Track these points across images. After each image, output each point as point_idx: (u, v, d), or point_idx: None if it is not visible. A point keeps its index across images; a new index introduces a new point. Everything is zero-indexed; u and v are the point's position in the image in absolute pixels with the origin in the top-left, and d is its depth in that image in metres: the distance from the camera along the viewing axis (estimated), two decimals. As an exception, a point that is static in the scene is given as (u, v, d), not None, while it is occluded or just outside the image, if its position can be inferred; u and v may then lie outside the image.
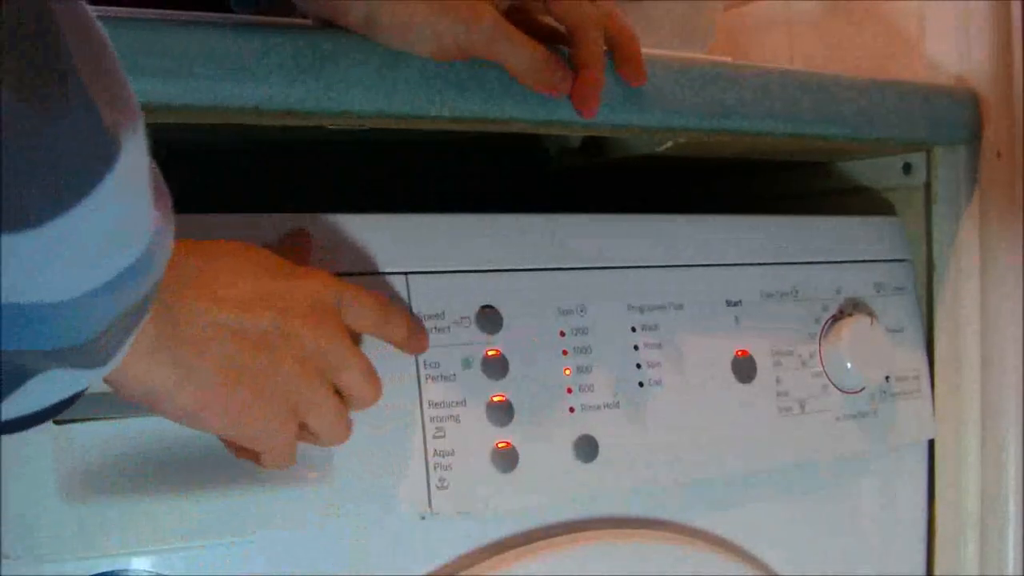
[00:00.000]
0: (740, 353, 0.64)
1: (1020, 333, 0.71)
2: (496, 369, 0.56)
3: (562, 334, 0.59)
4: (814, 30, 0.88)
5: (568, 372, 0.58)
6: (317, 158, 0.80)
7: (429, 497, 0.53)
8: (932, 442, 0.74)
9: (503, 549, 0.56)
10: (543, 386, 0.57)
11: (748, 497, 0.66)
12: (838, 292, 0.69)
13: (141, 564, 0.48)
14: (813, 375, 0.67)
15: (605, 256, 0.61)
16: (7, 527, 0.45)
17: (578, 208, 0.62)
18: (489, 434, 0.55)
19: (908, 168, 0.76)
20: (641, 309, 0.61)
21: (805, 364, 0.67)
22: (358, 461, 0.52)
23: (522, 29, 0.50)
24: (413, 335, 0.52)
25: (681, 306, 0.63)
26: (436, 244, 0.56)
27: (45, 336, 0.29)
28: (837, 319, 0.68)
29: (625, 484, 0.59)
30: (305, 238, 0.52)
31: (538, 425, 0.57)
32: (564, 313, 0.59)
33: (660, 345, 0.61)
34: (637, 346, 0.61)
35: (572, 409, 0.58)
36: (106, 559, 0.47)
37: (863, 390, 0.68)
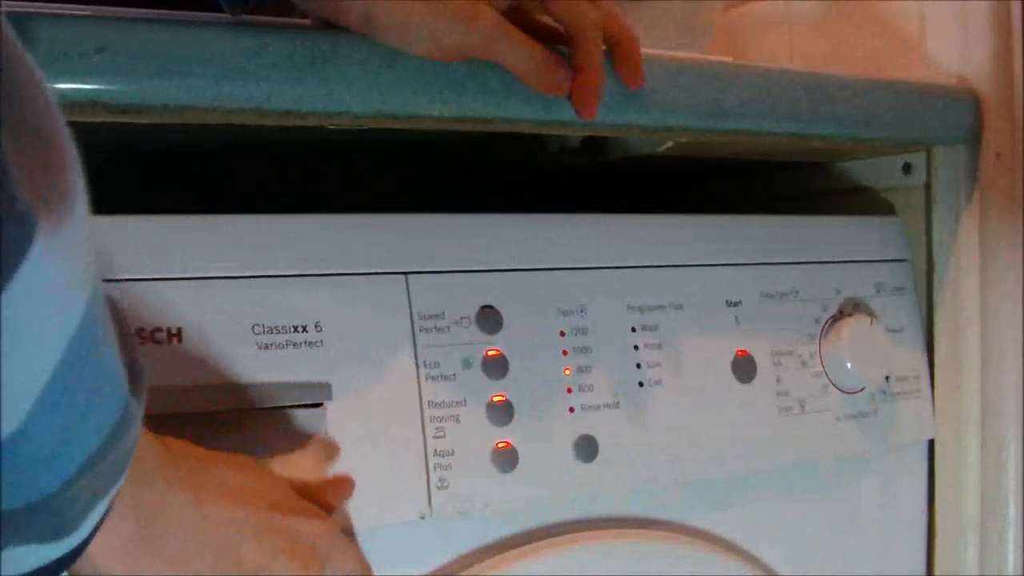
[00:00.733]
0: (740, 353, 0.64)
1: (1020, 333, 0.71)
2: (496, 369, 0.56)
3: (562, 334, 0.59)
4: (814, 30, 0.88)
5: (568, 372, 0.58)
6: (317, 158, 0.80)
7: (429, 497, 0.53)
8: (932, 442, 0.74)
9: (503, 549, 0.56)
10: (543, 386, 0.57)
11: (748, 497, 0.66)
12: (838, 292, 0.69)
13: (141, 564, 0.48)
14: (813, 375, 0.67)
15: (605, 256, 0.61)
16: (7, 527, 0.45)
17: (578, 208, 0.62)
18: (489, 434, 0.55)
19: (908, 168, 0.76)
20: (641, 309, 0.61)
21: (805, 364, 0.67)
22: (358, 461, 0.52)
23: (521, 29, 0.50)
24: None
25: (681, 306, 0.63)
26: (436, 244, 0.56)
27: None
28: (837, 319, 0.68)
29: (625, 484, 0.59)
30: (344, 483, 0.51)
31: (538, 425, 0.57)
32: (564, 313, 0.59)
33: (660, 345, 0.61)
34: (637, 346, 0.61)
35: (572, 409, 0.58)
36: (106, 559, 0.47)
37: (863, 390, 0.68)
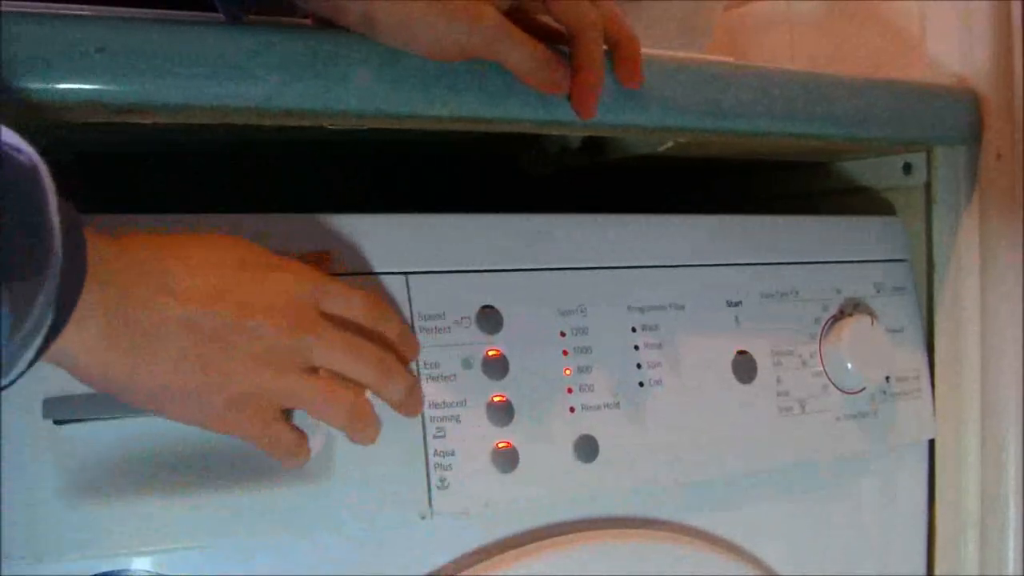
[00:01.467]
0: (740, 353, 0.64)
1: (1020, 333, 0.71)
2: (496, 369, 0.56)
3: (562, 334, 0.59)
4: (815, 30, 0.88)
5: (568, 372, 0.58)
6: (317, 158, 0.80)
7: (429, 497, 0.53)
8: (932, 442, 0.74)
9: (503, 549, 0.56)
10: (543, 386, 0.57)
11: (748, 497, 0.66)
12: (838, 292, 0.69)
13: (141, 564, 0.48)
14: (813, 375, 0.67)
15: (605, 256, 0.61)
16: (7, 527, 0.45)
17: (578, 208, 0.62)
18: (489, 434, 0.55)
19: (908, 168, 0.76)
20: (641, 309, 0.61)
21: (805, 364, 0.67)
22: (358, 461, 0.52)
23: (521, 29, 0.50)
24: (406, 334, 0.51)
25: (681, 306, 0.63)
26: (436, 244, 0.56)
27: None
28: (837, 319, 0.68)
29: (625, 484, 0.59)
30: (325, 256, 0.52)
31: (538, 425, 0.57)
32: (564, 313, 0.59)
33: (660, 345, 0.61)
34: (637, 346, 0.61)
35: (572, 409, 0.58)
36: (106, 559, 0.47)
37: (863, 390, 0.68)
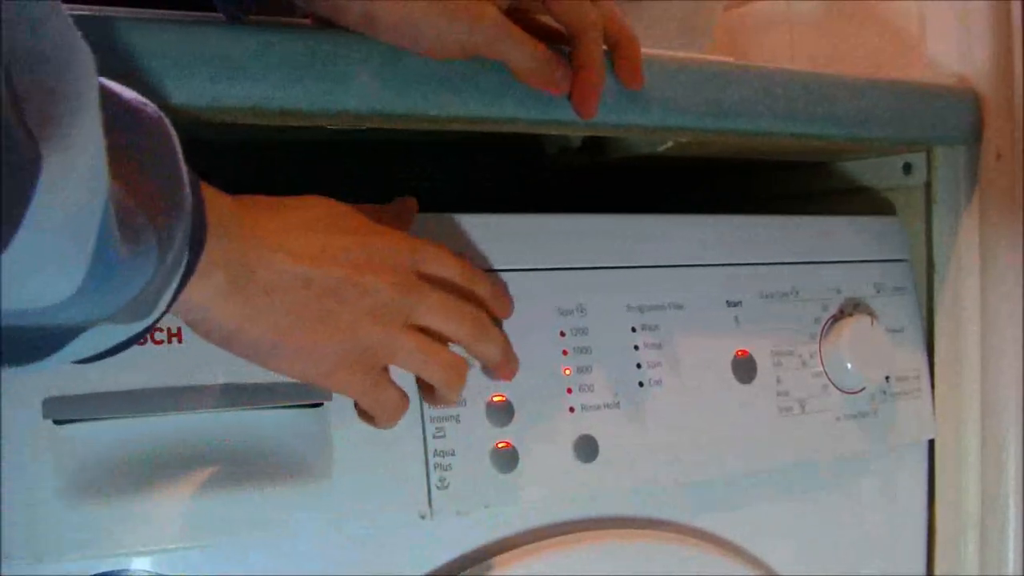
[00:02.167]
0: (740, 353, 0.64)
1: (1020, 333, 0.71)
2: (496, 369, 0.56)
3: (562, 334, 0.59)
4: (814, 30, 0.88)
5: (568, 372, 0.58)
6: (317, 158, 0.80)
7: (429, 497, 0.53)
8: (932, 442, 0.74)
9: (503, 549, 0.56)
10: (543, 386, 0.57)
11: (748, 497, 0.66)
12: (838, 292, 0.69)
13: (141, 564, 0.48)
14: (813, 375, 0.67)
15: (605, 256, 0.61)
16: (7, 527, 0.45)
17: (578, 208, 0.62)
18: (489, 434, 0.55)
19: (908, 168, 0.76)
20: (641, 309, 0.61)
21: (805, 364, 0.67)
22: (358, 461, 0.52)
23: (521, 29, 0.50)
24: (498, 295, 0.53)
25: (681, 306, 0.63)
26: (436, 244, 0.56)
27: (60, 319, 0.32)
28: (837, 319, 0.68)
29: (625, 484, 0.59)
30: (410, 205, 0.54)
31: (538, 425, 0.57)
32: (564, 313, 0.59)
33: (660, 345, 0.61)
34: (637, 346, 0.61)
35: (572, 409, 0.58)
36: (106, 559, 0.47)
37: (863, 390, 0.68)
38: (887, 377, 0.70)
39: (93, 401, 0.46)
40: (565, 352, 0.58)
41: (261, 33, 0.46)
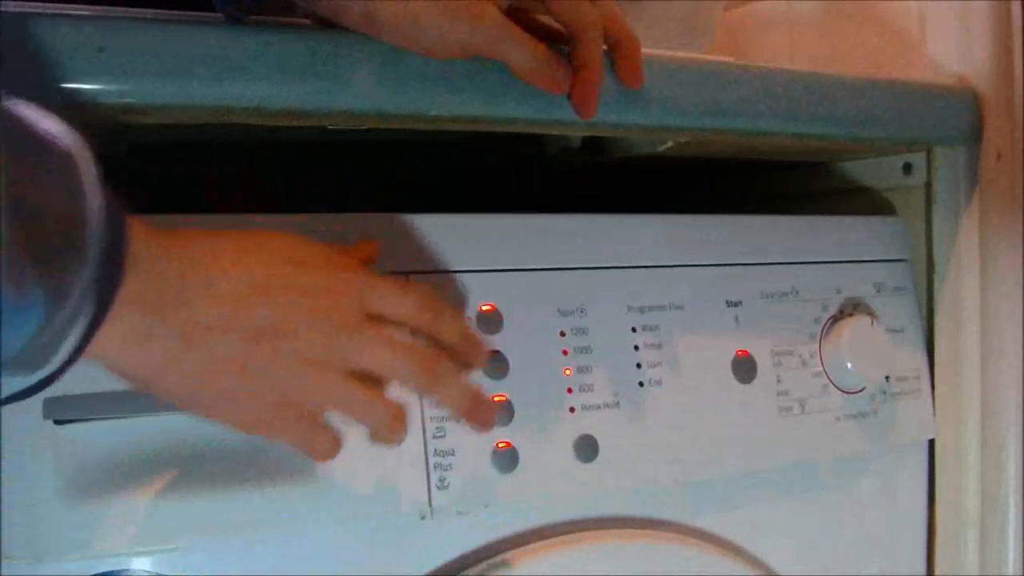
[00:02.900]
0: (740, 353, 0.64)
1: (1020, 333, 0.71)
2: (496, 369, 0.56)
3: (562, 334, 0.59)
4: (814, 30, 0.88)
5: (568, 372, 0.58)
6: (317, 158, 0.80)
7: (429, 497, 0.53)
8: (932, 442, 0.74)
9: (503, 549, 0.56)
10: (543, 386, 0.57)
11: (748, 497, 0.66)
12: (838, 292, 0.69)
13: (141, 564, 0.48)
14: (813, 375, 0.67)
15: (605, 256, 0.61)
16: (7, 527, 0.45)
17: (578, 208, 0.62)
18: (489, 434, 0.55)
19: (908, 168, 0.76)
20: (641, 309, 0.61)
21: (805, 364, 0.67)
22: (358, 461, 0.52)
23: (521, 28, 0.50)
24: (467, 336, 0.49)
25: (681, 306, 0.63)
26: (436, 244, 0.56)
27: None
28: (837, 319, 0.68)
29: (625, 484, 0.59)
30: (369, 247, 0.52)
31: (538, 425, 0.57)
32: (564, 313, 0.59)
33: (660, 345, 0.61)
34: (637, 346, 0.61)
35: (572, 409, 0.58)
36: (106, 559, 0.47)
37: (863, 390, 0.68)
38: (887, 377, 0.70)
39: (93, 401, 0.46)
40: (565, 352, 0.58)
41: (261, 33, 0.46)
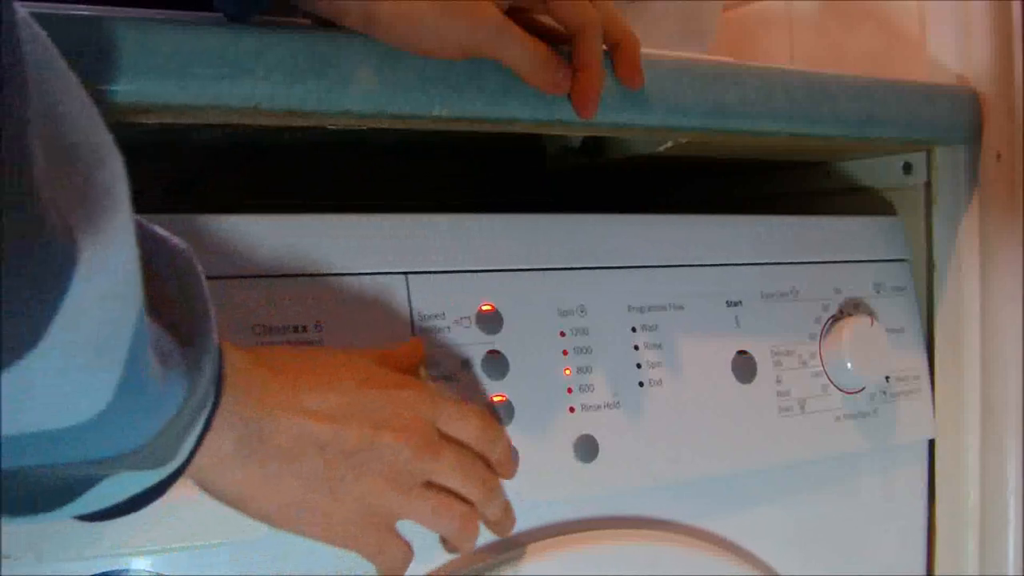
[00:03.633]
0: (740, 353, 0.64)
1: (1020, 333, 0.71)
2: (496, 369, 0.56)
3: (562, 334, 0.59)
4: (814, 30, 0.88)
5: (568, 372, 0.58)
6: (317, 158, 0.80)
7: (429, 497, 0.53)
8: (932, 442, 0.75)
9: (504, 549, 0.56)
10: (543, 386, 0.57)
11: (748, 497, 0.66)
12: (838, 292, 0.69)
13: (141, 564, 0.48)
14: (813, 375, 0.67)
15: (605, 256, 0.61)
16: (7, 527, 0.45)
17: (578, 208, 0.62)
18: (489, 434, 0.55)
19: (908, 168, 0.76)
20: (641, 309, 0.61)
21: (805, 364, 0.67)
22: (358, 461, 0.51)
23: (522, 28, 0.50)
24: (508, 456, 0.53)
25: (681, 306, 0.63)
26: (436, 244, 0.56)
27: (82, 453, 0.30)
28: (837, 319, 0.68)
29: (625, 484, 0.59)
30: (416, 346, 0.53)
31: (538, 425, 0.56)
32: (564, 313, 0.59)
33: (660, 345, 0.61)
34: (637, 346, 0.61)
35: (572, 409, 0.58)
36: (106, 559, 0.47)
37: (863, 390, 0.68)
38: (887, 377, 0.70)
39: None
40: (565, 352, 0.58)
41: (261, 33, 0.46)
